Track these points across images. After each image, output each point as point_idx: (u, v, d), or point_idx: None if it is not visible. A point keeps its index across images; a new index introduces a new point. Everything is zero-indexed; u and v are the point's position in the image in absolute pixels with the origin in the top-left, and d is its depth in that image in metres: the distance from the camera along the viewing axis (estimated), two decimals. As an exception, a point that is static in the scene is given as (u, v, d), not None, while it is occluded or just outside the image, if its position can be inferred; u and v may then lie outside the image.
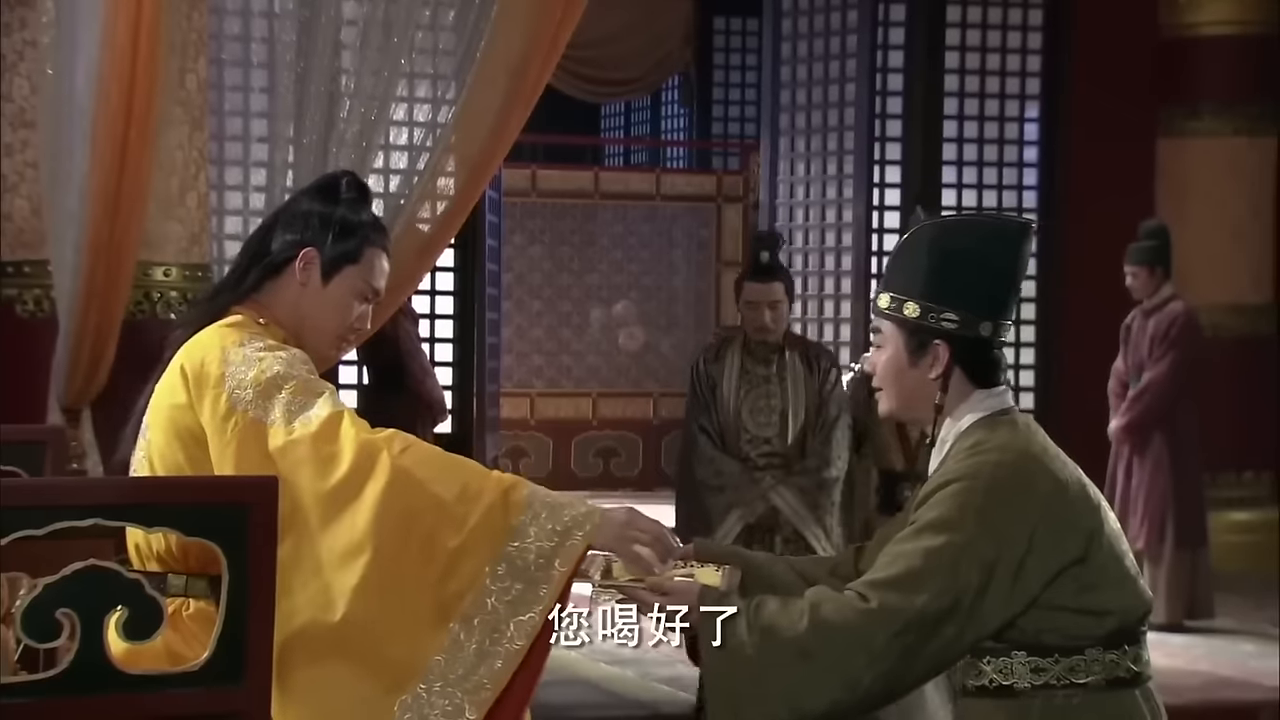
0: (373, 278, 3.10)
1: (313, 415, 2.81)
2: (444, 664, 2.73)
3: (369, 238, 3.11)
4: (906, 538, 2.75)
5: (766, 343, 5.69)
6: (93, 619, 2.47)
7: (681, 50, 14.67)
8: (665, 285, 13.19)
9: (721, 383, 5.74)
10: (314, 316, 3.06)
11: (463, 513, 2.76)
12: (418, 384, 7.02)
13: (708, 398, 5.74)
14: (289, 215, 3.14)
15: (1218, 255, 9.38)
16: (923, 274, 2.86)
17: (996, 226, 3.11)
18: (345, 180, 3.17)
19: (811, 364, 5.76)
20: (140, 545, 2.94)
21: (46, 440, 4.14)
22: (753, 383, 5.72)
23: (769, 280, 5.59)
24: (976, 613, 2.69)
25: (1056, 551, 2.72)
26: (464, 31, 5.33)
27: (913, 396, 2.90)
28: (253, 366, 2.86)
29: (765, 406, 5.71)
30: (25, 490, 2.60)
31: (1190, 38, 9.64)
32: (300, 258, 3.04)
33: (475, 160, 5.36)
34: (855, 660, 2.68)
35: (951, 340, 2.84)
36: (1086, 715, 2.74)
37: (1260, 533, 9.44)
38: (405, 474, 2.76)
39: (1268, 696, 6.45)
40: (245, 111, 5.77)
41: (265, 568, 2.59)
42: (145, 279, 5.22)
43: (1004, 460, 2.76)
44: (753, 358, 5.74)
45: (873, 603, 2.69)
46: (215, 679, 2.56)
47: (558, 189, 12.89)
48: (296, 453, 2.78)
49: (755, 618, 2.73)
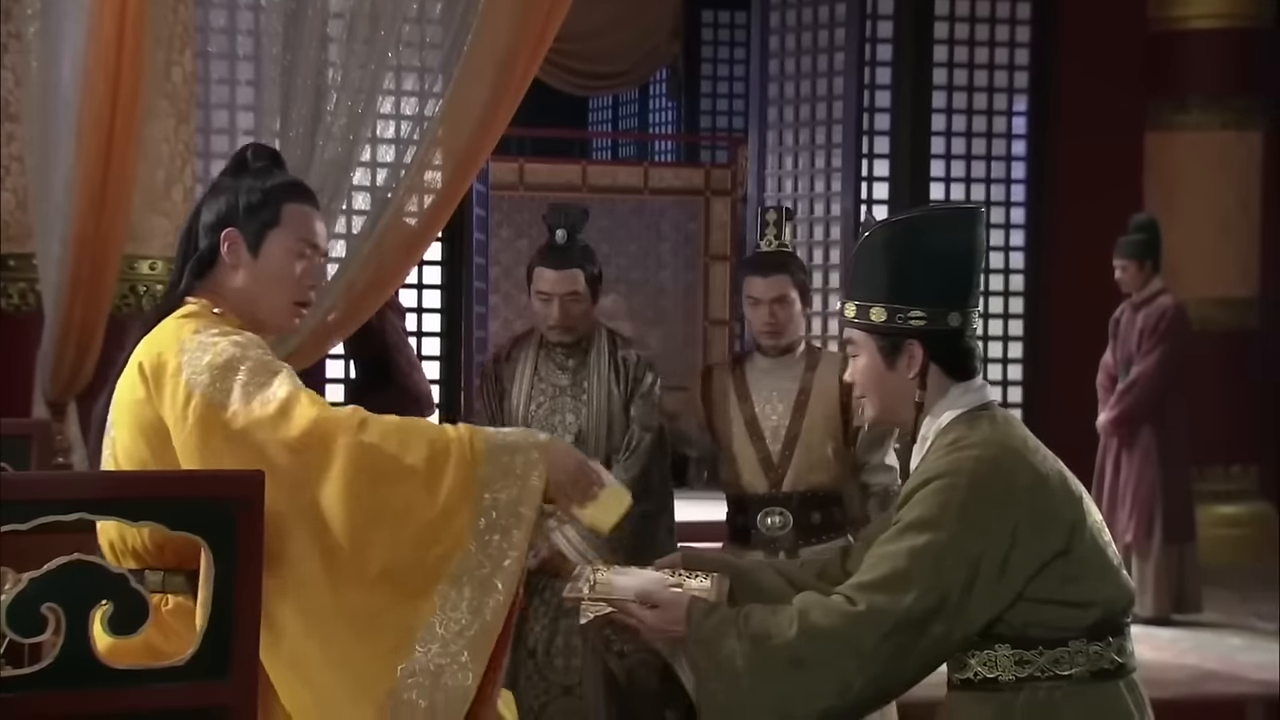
0: (302, 233, 3.08)
1: (271, 395, 2.80)
2: (439, 624, 2.75)
3: (282, 197, 3.07)
4: (890, 538, 2.75)
5: (565, 344, 4.71)
6: (78, 613, 2.46)
7: (669, 43, 14.65)
8: (653, 279, 13.19)
9: (511, 390, 4.76)
10: (259, 292, 3.05)
11: (436, 477, 2.77)
12: (404, 377, 6.99)
13: (494, 408, 4.77)
14: (205, 205, 3.12)
15: (1205, 249, 9.38)
16: (883, 277, 2.87)
17: (946, 217, 3.12)
18: (250, 150, 3.15)
19: (620, 371, 4.75)
20: (115, 542, 2.93)
21: (32, 434, 4.14)
22: (547, 393, 4.73)
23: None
24: (964, 609, 2.69)
25: (1040, 544, 2.73)
26: (451, 24, 5.32)
27: (894, 399, 2.91)
28: (207, 351, 2.85)
29: (560, 424, 4.69)
30: (10, 484, 2.58)
31: (1178, 31, 9.65)
32: (223, 240, 3.03)
33: (462, 154, 5.35)
34: (846, 665, 2.68)
35: (923, 337, 2.86)
36: (1071, 707, 2.75)
37: (1247, 526, 9.46)
38: (372, 450, 2.76)
39: (1255, 690, 6.46)
40: (231, 104, 5.76)
41: (251, 562, 2.58)
42: (131, 272, 5.21)
43: (984, 455, 2.76)
44: (550, 361, 4.76)
45: (860, 605, 2.69)
46: (201, 673, 2.56)
47: (545, 182, 12.88)
48: (258, 435, 2.78)
49: (744, 627, 2.74)
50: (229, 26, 5.70)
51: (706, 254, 12.87)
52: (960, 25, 9.65)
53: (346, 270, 5.21)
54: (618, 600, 2.87)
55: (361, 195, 5.73)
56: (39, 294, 5.10)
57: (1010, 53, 9.74)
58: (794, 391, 4.66)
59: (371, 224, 5.24)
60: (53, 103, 4.92)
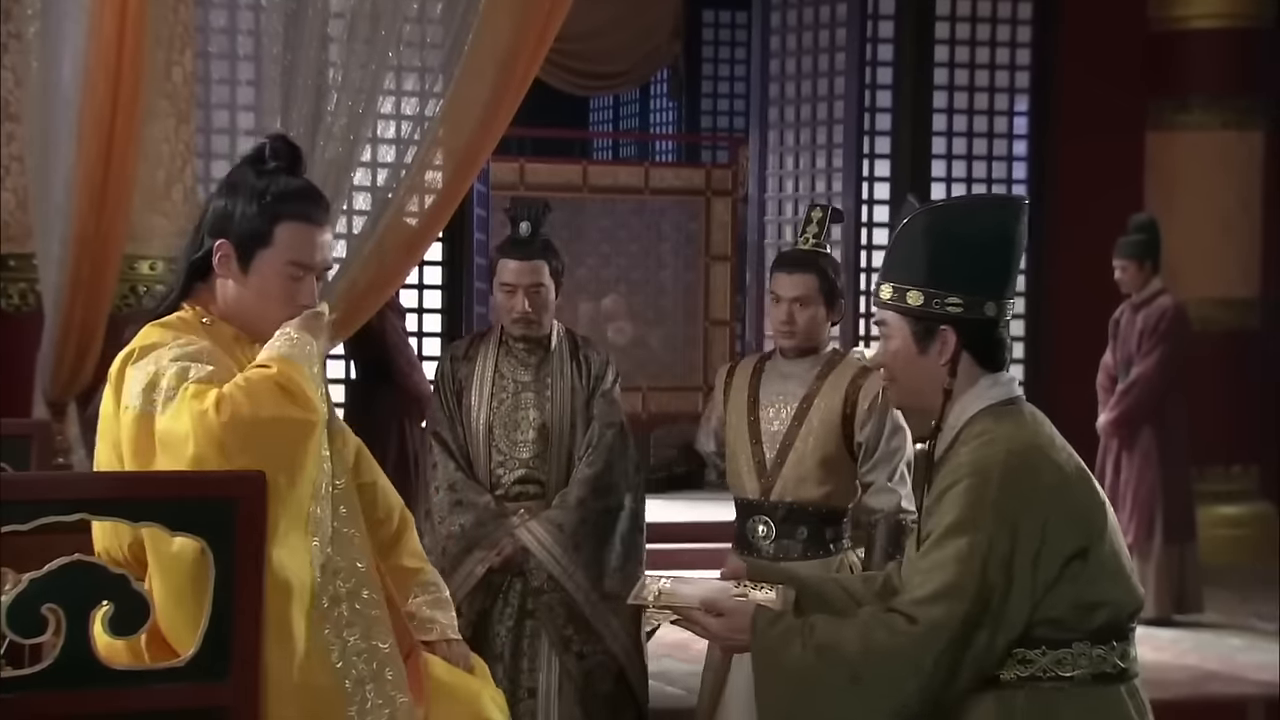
0: (295, 254, 2.95)
1: (174, 394, 2.76)
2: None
3: (279, 213, 2.94)
4: (932, 546, 2.74)
5: (527, 339, 4.70)
6: (78, 614, 2.46)
7: (670, 43, 14.62)
8: (653, 279, 13.15)
9: (470, 388, 4.73)
10: (250, 308, 2.98)
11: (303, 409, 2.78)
12: (404, 378, 6.99)
13: (452, 406, 4.75)
14: (213, 201, 3.04)
15: (1206, 249, 9.37)
16: (922, 261, 2.85)
17: (991, 205, 3.11)
18: (269, 147, 3.01)
19: (582, 367, 4.77)
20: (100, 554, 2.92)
21: (32, 434, 4.15)
22: (509, 389, 4.71)
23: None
24: (1004, 613, 2.70)
25: (1066, 542, 2.73)
26: (452, 24, 5.31)
27: (922, 384, 2.89)
28: (152, 364, 2.81)
29: (523, 420, 4.70)
30: (10, 485, 2.58)
31: (1179, 31, 9.63)
32: (215, 251, 2.96)
33: (463, 154, 5.35)
34: (906, 686, 2.69)
35: (958, 324, 2.84)
36: (1071, 708, 2.75)
37: (1248, 527, 9.45)
38: (245, 422, 2.71)
39: (1255, 690, 6.45)
40: (231, 104, 5.76)
41: (252, 562, 2.58)
42: (131, 272, 5.21)
43: (1013, 450, 2.75)
44: (511, 358, 4.74)
45: (919, 624, 2.69)
46: (201, 674, 2.56)
47: (545, 182, 12.83)
48: (164, 437, 2.75)
49: (809, 637, 2.74)
50: (229, 26, 5.69)
51: (707, 254, 12.82)
52: (961, 25, 9.65)
53: (347, 270, 5.21)
54: (682, 608, 2.88)
55: (362, 195, 5.73)
56: (39, 294, 5.10)
57: (1011, 53, 9.75)
58: (799, 397, 4.45)
59: (372, 224, 5.24)
60: (53, 103, 4.92)
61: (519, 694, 4.63)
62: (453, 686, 3.16)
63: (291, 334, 2.88)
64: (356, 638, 2.88)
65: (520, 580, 4.64)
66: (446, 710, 3.10)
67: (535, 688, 4.66)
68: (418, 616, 3.28)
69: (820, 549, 4.43)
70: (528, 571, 4.61)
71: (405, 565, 3.32)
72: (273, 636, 2.68)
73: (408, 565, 3.32)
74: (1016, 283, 2.93)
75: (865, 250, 9.52)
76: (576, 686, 4.64)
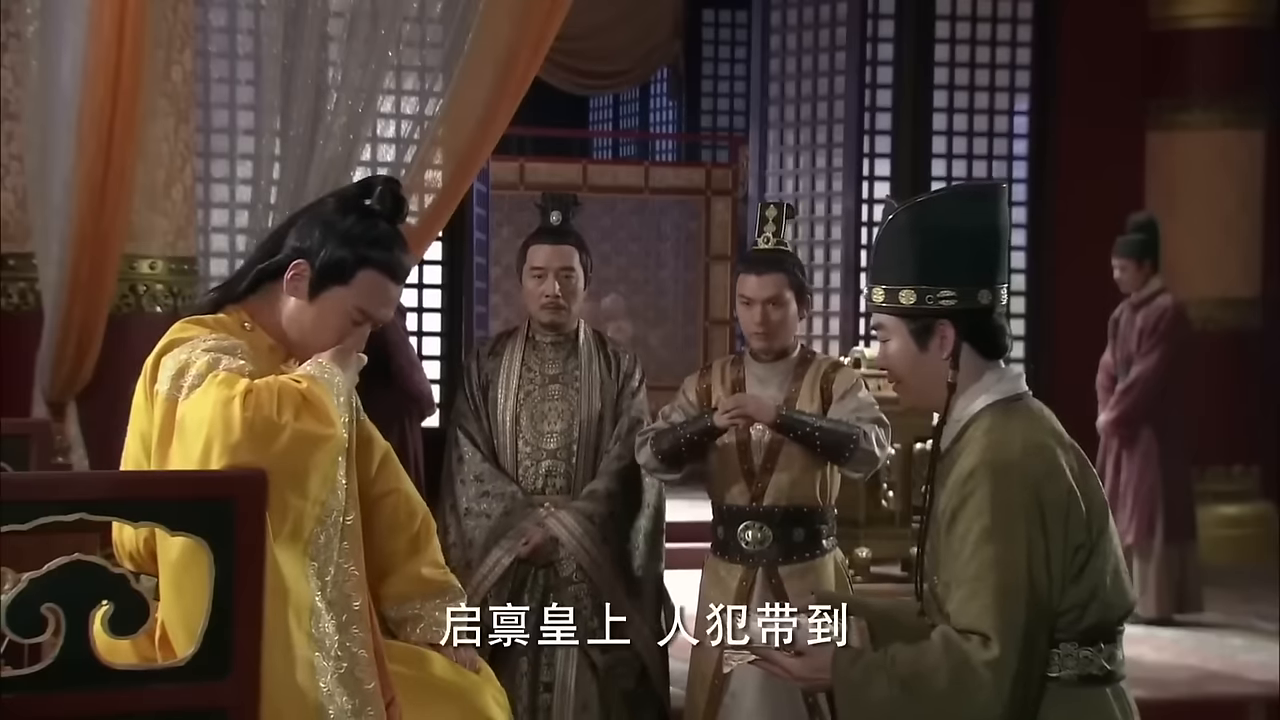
0: (365, 303, 2.97)
1: (201, 380, 2.79)
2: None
3: (368, 258, 2.94)
4: (968, 558, 2.71)
5: (555, 329, 4.71)
6: (78, 613, 2.46)
7: (670, 43, 14.63)
8: (653, 279, 13.17)
9: (497, 382, 4.76)
10: (299, 332, 2.98)
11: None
12: (404, 377, 6.97)
13: (478, 400, 4.77)
14: (306, 216, 3.04)
15: (1207, 248, 9.37)
16: (910, 259, 2.85)
17: (970, 194, 3.11)
18: (380, 189, 3.01)
19: (610, 362, 4.78)
20: (116, 545, 2.96)
21: (32, 434, 4.14)
22: (535, 382, 4.73)
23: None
24: (1046, 612, 2.70)
25: (1074, 537, 2.73)
26: (452, 24, 5.31)
27: (927, 383, 2.89)
28: (185, 352, 2.85)
29: (551, 410, 4.72)
30: (10, 484, 2.57)
31: (1179, 30, 9.63)
32: (291, 267, 2.96)
33: (463, 153, 5.35)
34: (993, 714, 2.67)
35: (954, 316, 2.83)
36: (1056, 708, 2.75)
37: (1249, 526, 9.45)
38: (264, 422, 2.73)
39: (1256, 690, 6.44)
40: (231, 104, 5.75)
41: (251, 562, 2.58)
42: (131, 272, 5.20)
43: (1029, 449, 2.75)
44: (538, 353, 4.77)
45: (994, 648, 2.66)
46: (201, 674, 2.55)
47: (546, 182, 12.84)
48: (181, 423, 2.78)
49: (893, 669, 2.72)
50: (229, 26, 5.68)
51: (707, 254, 12.85)
52: (961, 24, 9.65)
53: (347, 270, 5.20)
54: (761, 649, 2.85)
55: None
56: (39, 294, 5.09)
57: (1011, 52, 9.74)
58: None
59: (372, 224, 5.23)
60: (53, 102, 4.92)
61: (538, 688, 4.62)
62: (456, 684, 3.19)
63: (323, 362, 2.92)
64: (344, 671, 2.89)
65: (544, 572, 4.63)
66: (449, 708, 3.12)
67: (552, 682, 4.65)
68: (428, 619, 3.29)
69: (817, 548, 4.46)
70: (557, 562, 4.61)
71: (423, 574, 3.33)
72: (270, 639, 2.68)
73: (426, 575, 3.33)
74: (1008, 267, 2.93)
75: (865, 250, 9.51)
76: (599, 680, 4.63)
